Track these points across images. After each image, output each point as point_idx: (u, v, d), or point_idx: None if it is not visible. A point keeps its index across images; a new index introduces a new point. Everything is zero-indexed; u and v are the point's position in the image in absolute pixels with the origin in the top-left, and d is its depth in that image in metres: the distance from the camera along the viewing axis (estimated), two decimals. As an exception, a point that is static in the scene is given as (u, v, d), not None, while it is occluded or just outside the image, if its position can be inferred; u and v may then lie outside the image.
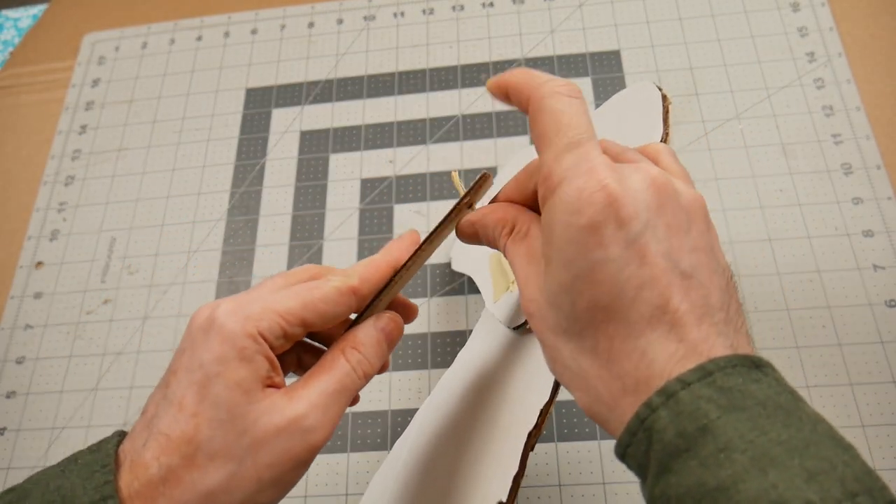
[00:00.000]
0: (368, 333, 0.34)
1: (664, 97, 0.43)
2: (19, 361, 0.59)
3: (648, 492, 0.27)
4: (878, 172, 0.56)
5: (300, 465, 0.30)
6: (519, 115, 0.63)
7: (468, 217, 0.37)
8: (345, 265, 0.39)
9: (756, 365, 0.27)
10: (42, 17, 0.77)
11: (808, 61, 0.61)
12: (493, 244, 0.35)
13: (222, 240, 0.62)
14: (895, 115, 0.58)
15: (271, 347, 0.31)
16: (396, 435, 0.52)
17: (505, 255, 0.34)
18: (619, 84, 0.63)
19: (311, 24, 0.72)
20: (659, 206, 0.28)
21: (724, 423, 0.25)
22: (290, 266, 0.60)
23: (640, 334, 0.28)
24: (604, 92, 0.63)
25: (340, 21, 0.72)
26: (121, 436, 0.32)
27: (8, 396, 0.58)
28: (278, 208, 0.63)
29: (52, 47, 0.76)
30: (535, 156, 0.32)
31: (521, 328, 0.43)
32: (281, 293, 0.32)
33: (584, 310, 0.28)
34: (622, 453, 0.28)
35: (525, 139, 0.62)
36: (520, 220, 0.34)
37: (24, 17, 0.80)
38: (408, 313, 0.39)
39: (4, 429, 0.57)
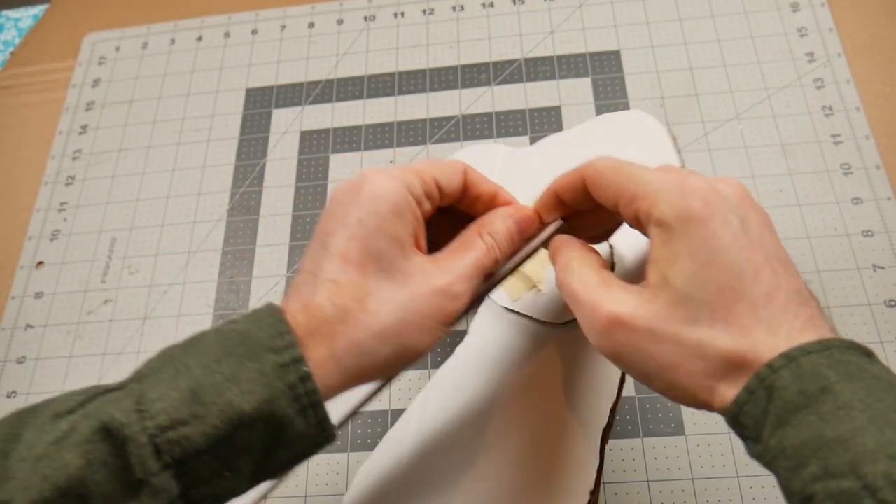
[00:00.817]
0: (504, 222, 0.37)
1: (670, 131, 0.46)
2: (20, 361, 0.59)
3: (763, 445, 0.29)
4: (878, 172, 0.56)
5: (446, 324, 0.34)
6: (518, 117, 0.64)
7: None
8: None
9: (867, 353, 0.30)
10: (43, 17, 0.78)
11: (808, 62, 0.61)
12: (563, 264, 0.38)
13: (223, 240, 0.62)
14: (894, 115, 0.58)
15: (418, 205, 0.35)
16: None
17: (567, 276, 0.36)
18: (619, 84, 0.63)
19: (311, 25, 0.72)
20: (746, 208, 0.32)
21: (842, 386, 0.28)
22: (290, 267, 0.60)
23: (763, 308, 0.30)
24: (603, 92, 0.63)
25: (340, 21, 0.72)
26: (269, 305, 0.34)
27: (9, 396, 0.58)
28: (279, 208, 0.63)
29: (53, 47, 0.76)
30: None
31: (571, 323, 0.44)
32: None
33: (714, 292, 0.31)
34: (737, 412, 0.30)
35: (524, 139, 0.62)
36: (585, 248, 0.37)
37: (25, 17, 0.80)
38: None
39: (5, 429, 0.57)
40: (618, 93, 0.63)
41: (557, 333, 0.45)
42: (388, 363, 0.33)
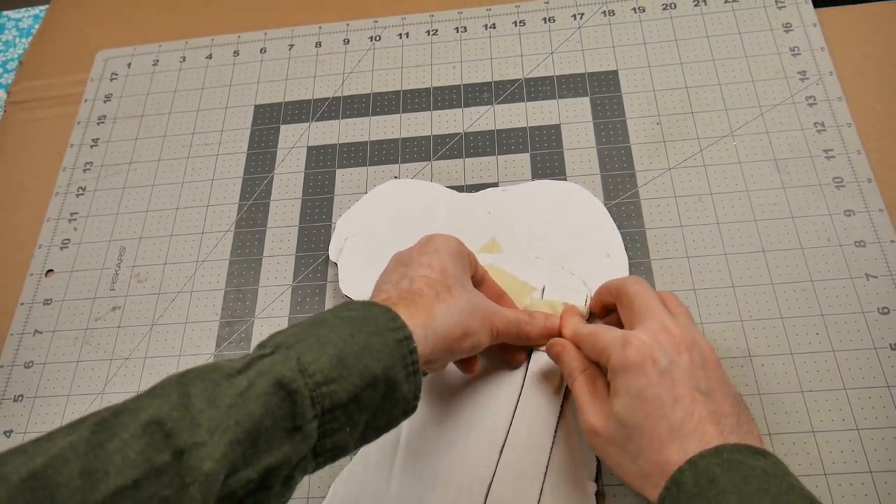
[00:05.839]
0: (546, 320, 0.51)
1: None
2: (28, 366, 0.60)
3: None
4: (870, 185, 0.58)
5: (490, 332, 0.47)
6: (519, 134, 0.65)
7: (559, 341, 0.50)
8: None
9: (759, 452, 0.39)
10: (49, 28, 0.79)
11: (800, 80, 0.63)
12: (568, 372, 0.48)
13: (230, 250, 0.63)
14: (885, 130, 0.60)
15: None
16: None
17: (572, 385, 0.47)
18: (617, 103, 0.65)
19: (318, 44, 0.74)
20: (679, 352, 0.43)
21: (724, 477, 0.38)
22: (296, 277, 0.61)
23: (677, 431, 0.41)
24: (602, 111, 0.65)
25: (347, 41, 0.74)
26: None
27: (16, 400, 0.59)
28: (285, 220, 0.64)
29: (65, 64, 0.78)
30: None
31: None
32: None
33: (642, 418, 0.42)
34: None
35: (525, 156, 0.64)
36: (591, 367, 0.47)
37: (25, 17, 0.80)
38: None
39: (11, 431, 0.57)
40: (616, 111, 0.65)
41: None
42: (456, 337, 0.44)
